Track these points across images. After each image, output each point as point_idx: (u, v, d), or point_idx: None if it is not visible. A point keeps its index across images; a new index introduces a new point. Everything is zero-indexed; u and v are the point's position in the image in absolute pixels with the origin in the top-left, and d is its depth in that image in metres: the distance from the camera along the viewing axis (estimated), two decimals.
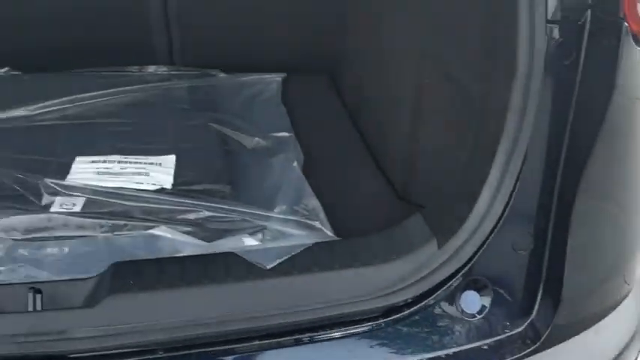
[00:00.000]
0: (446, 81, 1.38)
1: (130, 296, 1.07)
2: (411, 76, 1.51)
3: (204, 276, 1.12)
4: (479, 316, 1.20)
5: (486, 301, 1.21)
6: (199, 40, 2.10)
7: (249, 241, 1.34)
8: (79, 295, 1.11)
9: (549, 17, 1.10)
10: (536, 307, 1.21)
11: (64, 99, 1.82)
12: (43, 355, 1.00)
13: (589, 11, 1.10)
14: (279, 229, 1.39)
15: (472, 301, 1.21)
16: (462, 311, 1.20)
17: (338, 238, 1.31)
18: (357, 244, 1.22)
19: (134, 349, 1.03)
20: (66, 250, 1.34)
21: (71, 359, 1.02)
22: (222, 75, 2.12)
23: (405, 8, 1.55)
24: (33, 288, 1.08)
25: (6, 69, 2.01)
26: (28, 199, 1.42)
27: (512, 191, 1.15)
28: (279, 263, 1.16)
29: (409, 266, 1.15)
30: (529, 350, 1.17)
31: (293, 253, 1.18)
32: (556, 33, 1.11)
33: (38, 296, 1.08)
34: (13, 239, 1.34)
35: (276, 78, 2.14)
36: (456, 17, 1.34)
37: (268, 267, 1.14)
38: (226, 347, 1.07)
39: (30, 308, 1.06)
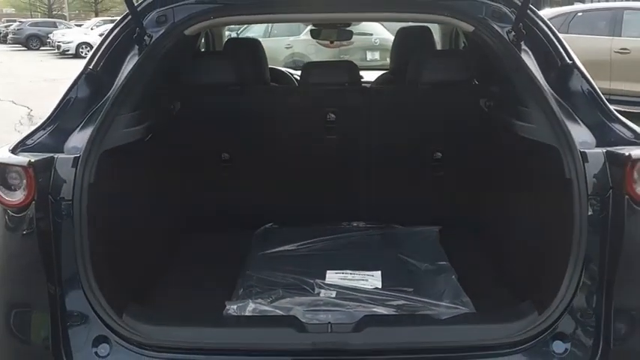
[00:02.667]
0: (543, 230, 2.44)
1: (379, 328, 2.18)
2: (523, 226, 2.60)
3: (414, 322, 2.22)
4: (563, 355, 2.16)
5: (568, 345, 2.17)
6: (386, 206, 3.33)
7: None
8: (349, 327, 2.23)
9: (589, 193, 2.18)
10: (599, 351, 2.15)
11: (310, 241, 3.08)
12: (332, 349, 2.12)
13: (611, 190, 2.17)
14: (445, 311, 2.47)
15: (559, 345, 2.18)
16: (553, 351, 2.17)
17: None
18: (494, 313, 2.27)
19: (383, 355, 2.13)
20: (329, 316, 2.50)
21: (345, 351, 2.12)
22: (399, 227, 3.32)
23: (516, 186, 2.69)
24: (330, 324, 2.24)
25: (271, 224, 3.34)
26: (307, 290, 2.63)
27: (578, 285, 2.17)
28: (449, 317, 2.23)
29: (523, 323, 2.17)
30: None
31: (456, 314, 2.26)
32: (594, 201, 2.18)
33: (329, 327, 2.23)
34: (304, 310, 2.51)
35: (435, 229, 3.29)
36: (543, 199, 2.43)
37: (443, 318, 2.23)
38: None
39: (329, 331, 2.21)
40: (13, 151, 2.27)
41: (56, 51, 26.67)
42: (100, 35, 2.65)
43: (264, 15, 2.71)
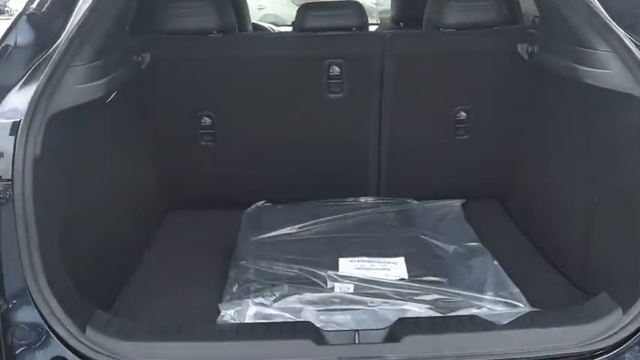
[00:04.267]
0: (614, 199, 1.97)
1: (422, 337, 1.69)
2: (581, 197, 2.12)
3: (464, 326, 1.73)
4: None
5: None
6: (400, 176, 2.83)
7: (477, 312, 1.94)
8: (381, 335, 1.74)
9: None
10: None
11: (314, 221, 2.56)
12: None
13: None
14: (491, 307, 1.99)
15: None
16: None
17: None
18: (564, 312, 1.79)
19: None
20: (349, 317, 2.00)
21: None
22: (414, 202, 2.82)
23: (572, 148, 2.19)
24: (356, 332, 1.73)
25: (263, 201, 2.81)
26: (318, 284, 2.12)
27: None
28: (510, 321, 1.75)
29: (604, 325, 1.70)
30: None
31: (518, 316, 1.77)
32: None
33: (356, 336, 1.73)
34: (316, 310, 2.01)
35: (457, 203, 2.80)
36: (619, 153, 1.94)
37: (504, 323, 1.74)
38: None
39: (356, 341, 1.71)
40: None
41: None
42: None
43: None
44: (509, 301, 2.02)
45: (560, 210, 2.29)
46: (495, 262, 2.21)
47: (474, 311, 1.94)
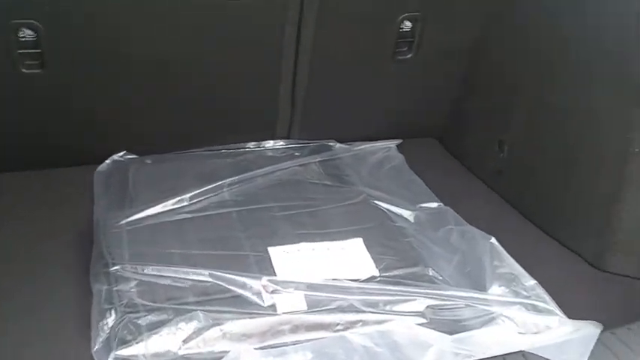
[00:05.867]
0: None
1: None
2: (616, 144, 1.52)
3: None
4: None
5: None
6: (317, 113, 2.05)
7: (501, 332, 1.30)
8: None
9: None
10: None
11: (211, 186, 1.72)
12: None
13: None
14: (511, 316, 1.35)
15: None
16: None
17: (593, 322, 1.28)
18: None
19: None
20: (309, 355, 1.26)
21: None
22: (338, 145, 2.08)
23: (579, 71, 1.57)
24: None
25: (123, 152, 1.89)
26: (249, 302, 1.33)
27: None
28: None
29: None
30: None
31: (590, 347, 1.15)
32: None
33: None
34: (254, 348, 1.24)
35: (391, 145, 2.12)
36: None
37: None
38: None
39: None
40: None
41: None
42: None
43: None
44: (530, 301, 1.40)
45: (562, 160, 1.68)
46: (493, 239, 1.56)
47: (496, 332, 1.29)
